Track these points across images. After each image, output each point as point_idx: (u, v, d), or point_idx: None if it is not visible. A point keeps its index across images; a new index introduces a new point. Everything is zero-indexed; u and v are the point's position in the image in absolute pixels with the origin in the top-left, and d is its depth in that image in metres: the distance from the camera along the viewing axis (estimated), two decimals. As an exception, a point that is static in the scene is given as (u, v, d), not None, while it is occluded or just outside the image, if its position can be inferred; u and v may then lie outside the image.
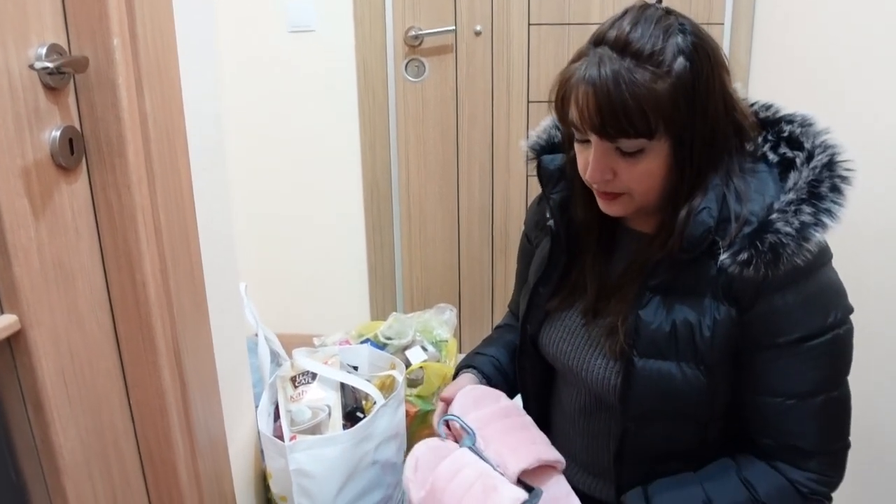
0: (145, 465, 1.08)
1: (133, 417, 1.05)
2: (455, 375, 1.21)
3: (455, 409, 1.07)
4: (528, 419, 1.07)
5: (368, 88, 2.32)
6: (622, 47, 0.84)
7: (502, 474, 0.95)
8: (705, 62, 0.87)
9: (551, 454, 1.00)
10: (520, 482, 0.96)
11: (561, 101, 0.91)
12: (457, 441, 1.03)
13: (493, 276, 2.50)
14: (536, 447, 1.00)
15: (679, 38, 0.85)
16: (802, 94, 1.78)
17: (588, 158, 0.90)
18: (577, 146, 0.94)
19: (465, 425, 1.02)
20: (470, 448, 0.99)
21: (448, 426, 1.06)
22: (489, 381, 1.17)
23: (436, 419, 1.11)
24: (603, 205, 0.96)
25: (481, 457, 0.98)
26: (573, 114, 0.88)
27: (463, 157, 2.40)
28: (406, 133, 2.38)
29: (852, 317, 0.91)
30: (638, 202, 0.93)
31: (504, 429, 1.02)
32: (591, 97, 0.84)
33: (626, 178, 0.89)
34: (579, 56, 0.89)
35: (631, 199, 0.92)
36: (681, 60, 0.84)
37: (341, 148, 2.39)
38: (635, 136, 0.85)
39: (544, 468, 1.00)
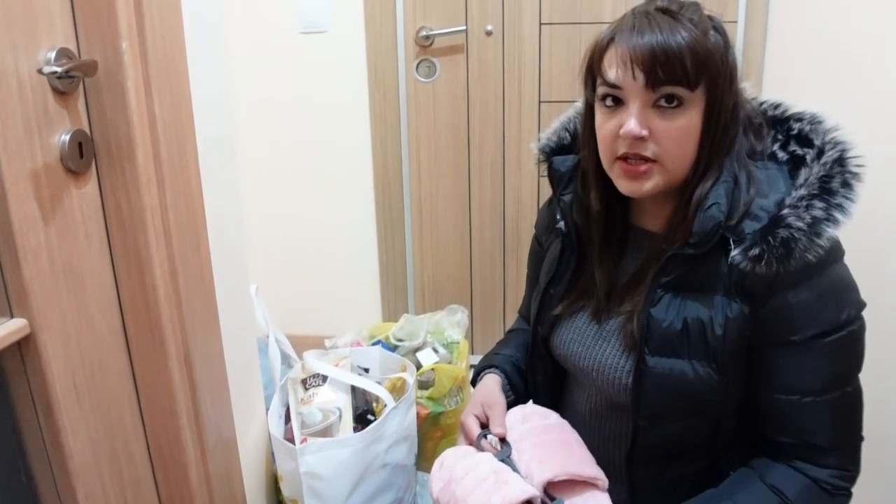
0: (156, 466, 1.09)
1: (143, 419, 1.06)
2: (475, 377, 1.21)
3: (498, 423, 1.06)
4: (575, 437, 1.03)
5: (380, 89, 2.32)
6: (666, 10, 0.88)
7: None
8: (730, 45, 0.91)
9: (587, 470, 0.96)
10: (546, 494, 0.94)
11: (597, 62, 0.92)
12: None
13: (506, 277, 2.49)
14: (569, 460, 0.97)
15: (710, 20, 0.90)
16: (816, 92, 1.76)
17: (619, 123, 0.90)
18: (603, 116, 0.93)
19: (504, 440, 1.02)
20: (502, 460, 0.98)
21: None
22: (510, 380, 1.16)
23: (468, 426, 1.09)
24: (629, 184, 0.92)
25: (512, 467, 0.96)
26: (615, 69, 0.88)
27: (474, 158, 2.39)
28: (417, 133, 2.38)
29: (864, 312, 0.91)
30: (668, 174, 0.91)
31: (540, 443, 1.00)
32: (644, 44, 0.86)
33: (662, 135, 0.88)
34: (619, 22, 0.92)
35: (661, 169, 0.90)
36: (714, 34, 0.88)
37: (352, 148, 2.39)
38: (682, 82, 0.86)
39: (582, 484, 0.96)
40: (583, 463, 0.98)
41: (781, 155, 0.95)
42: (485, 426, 1.07)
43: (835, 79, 1.69)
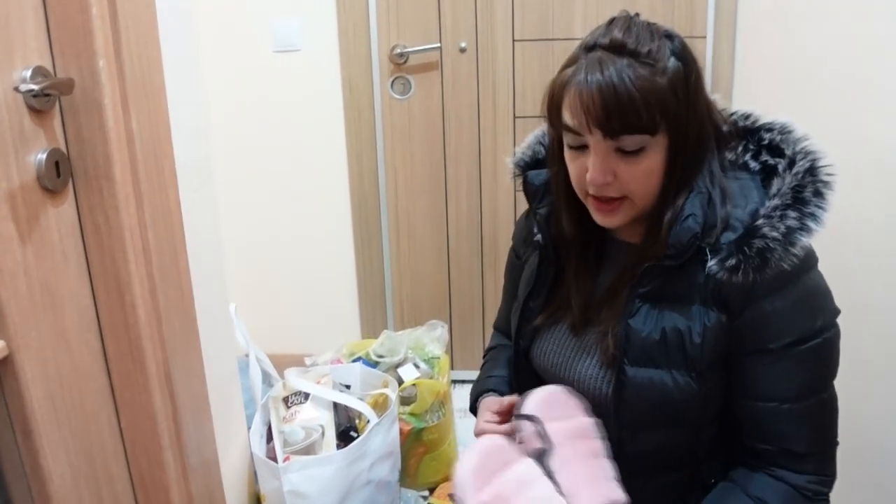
0: (136, 488, 1.07)
1: (124, 440, 1.04)
2: (472, 405, 1.19)
3: (529, 409, 0.98)
4: (600, 444, 0.98)
5: (354, 107, 2.33)
6: (618, 48, 0.86)
7: None
8: (693, 64, 0.90)
9: (620, 494, 0.94)
10: None
11: (556, 108, 0.91)
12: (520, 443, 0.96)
13: (484, 291, 2.50)
14: (609, 484, 0.94)
15: (668, 42, 0.88)
16: (785, 106, 1.80)
17: (585, 165, 0.90)
18: (569, 155, 0.94)
19: (545, 434, 0.94)
20: (538, 462, 0.93)
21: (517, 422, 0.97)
22: None
23: (488, 429, 1.04)
24: (601, 217, 0.95)
25: (551, 477, 0.91)
26: (572, 117, 0.88)
27: (451, 174, 2.40)
28: (393, 150, 2.38)
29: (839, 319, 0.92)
30: (638, 206, 0.92)
31: (582, 453, 0.95)
32: (595, 95, 0.84)
33: (628, 178, 0.89)
34: (571, 62, 0.90)
35: (631, 204, 0.92)
36: (673, 60, 0.87)
37: (329, 166, 2.39)
38: (640, 131, 0.85)
39: None
40: (616, 484, 0.94)
41: (753, 165, 0.96)
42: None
43: (804, 93, 1.72)
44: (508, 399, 1.05)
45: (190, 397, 1.12)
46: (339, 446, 1.44)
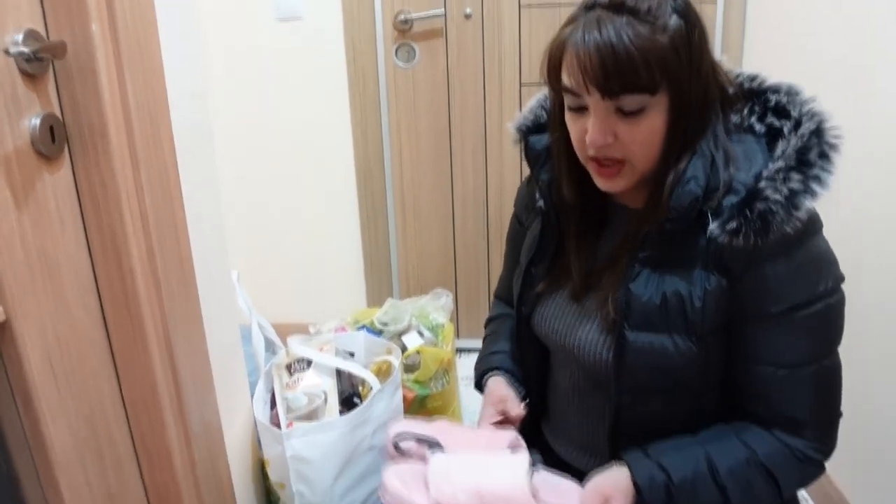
0: (139, 453, 1.08)
1: (125, 406, 1.05)
2: (478, 381, 1.22)
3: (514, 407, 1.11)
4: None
5: (359, 75, 2.30)
6: (617, 6, 0.84)
7: None
8: (696, 22, 0.87)
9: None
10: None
11: (555, 70, 0.90)
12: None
13: (489, 260, 2.49)
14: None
15: (670, 0, 0.85)
16: (796, 70, 1.77)
17: (585, 126, 0.89)
18: (570, 116, 0.92)
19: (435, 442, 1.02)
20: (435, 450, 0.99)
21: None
22: (513, 377, 1.17)
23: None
24: (602, 181, 0.94)
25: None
26: (570, 78, 0.87)
27: (456, 142, 2.38)
28: (398, 119, 2.37)
29: (844, 286, 0.91)
30: (639, 170, 0.91)
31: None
32: (593, 55, 0.83)
33: (628, 140, 0.88)
34: (570, 22, 0.88)
35: (632, 167, 0.91)
36: (675, 18, 0.84)
37: (333, 134, 2.37)
38: (640, 90, 0.84)
39: None
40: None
41: (759, 127, 0.94)
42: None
43: (813, 57, 1.69)
44: (517, 412, 1.10)
45: (191, 362, 1.12)
46: (342, 412, 1.45)
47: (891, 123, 1.36)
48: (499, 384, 1.15)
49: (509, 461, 0.95)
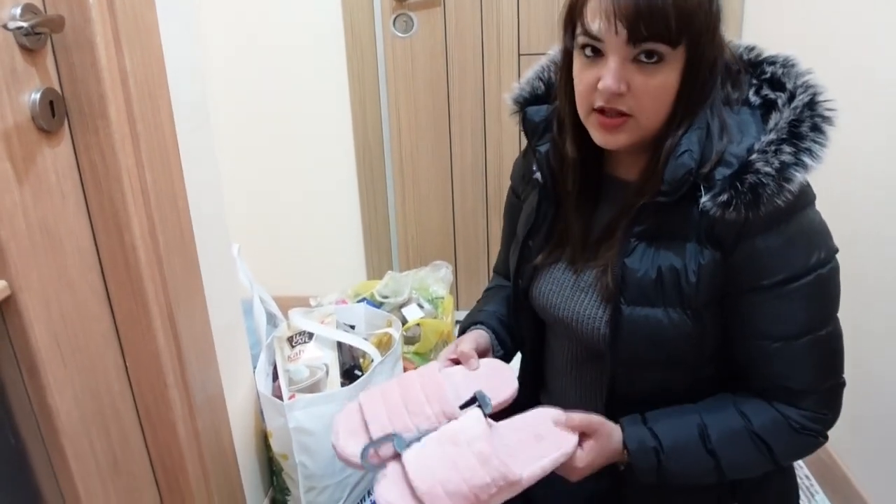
0: (144, 424, 1.10)
1: (129, 377, 1.06)
2: (459, 335, 1.21)
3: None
4: None
5: (356, 45, 2.29)
6: None
7: None
8: None
9: None
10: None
11: (578, 11, 0.89)
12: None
13: (489, 231, 2.50)
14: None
15: None
16: (794, 43, 1.76)
17: (597, 75, 0.88)
18: (581, 65, 0.91)
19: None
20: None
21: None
22: (497, 335, 1.17)
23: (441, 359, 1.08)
24: (603, 135, 0.92)
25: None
26: (596, 18, 0.85)
27: (454, 113, 2.37)
28: (396, 89, 2.35)
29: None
30: (642, 127, 0.90)
31: None
32: (626, 0, 0.82)
33: (641, 91, 0.87)
34: None
35: (636, 123, 0.89)
36: None
37: (331, 106, 2.36)
38: (664, 41, 0.84)
39: None
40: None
41: (754, 99, 0.94)
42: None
43: (813, 31, 1.68)
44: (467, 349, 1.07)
45: (193, 335, 1.14)
46: (343, 384, 1.47)
47: (891, 92, 1.36)
48: (473, 334, 1.13)
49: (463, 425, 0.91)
